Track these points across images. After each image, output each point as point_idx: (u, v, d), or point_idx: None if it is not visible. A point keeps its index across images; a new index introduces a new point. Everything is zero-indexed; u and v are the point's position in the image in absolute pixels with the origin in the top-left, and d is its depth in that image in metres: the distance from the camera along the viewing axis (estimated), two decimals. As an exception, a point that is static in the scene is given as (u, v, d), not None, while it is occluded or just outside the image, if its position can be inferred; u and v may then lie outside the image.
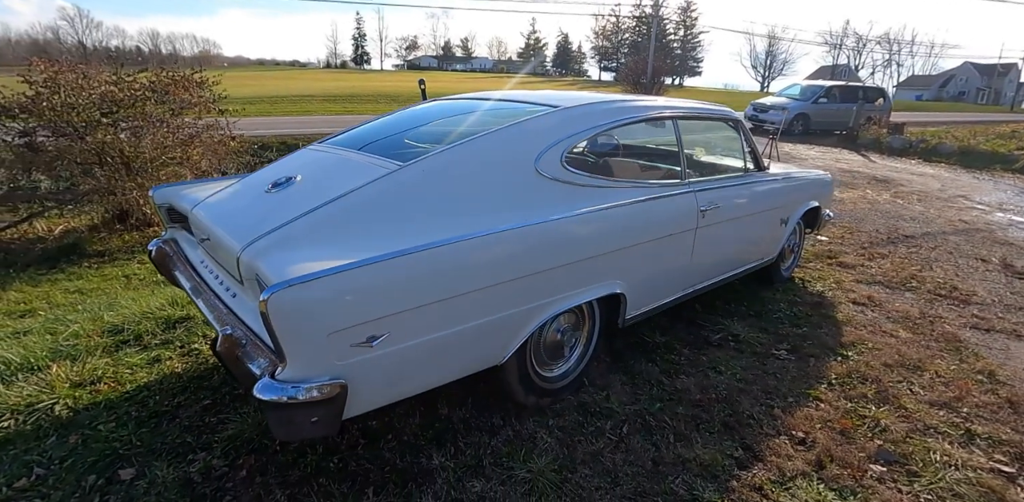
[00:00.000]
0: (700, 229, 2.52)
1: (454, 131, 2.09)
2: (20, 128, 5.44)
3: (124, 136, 6.00)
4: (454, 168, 1.81)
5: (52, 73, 5.73)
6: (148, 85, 6.28)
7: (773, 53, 51.07)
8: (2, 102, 5.48)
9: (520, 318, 1.80)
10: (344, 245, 1.51)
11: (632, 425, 2.08)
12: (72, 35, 63.14)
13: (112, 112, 5.83)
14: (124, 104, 5.97)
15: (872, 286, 3.87)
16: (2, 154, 5.64)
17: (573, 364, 2.25)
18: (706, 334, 2.94)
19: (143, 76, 6.39)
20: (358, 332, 1.40)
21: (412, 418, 2.05)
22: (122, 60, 7.18)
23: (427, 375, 1.63)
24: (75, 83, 5.76)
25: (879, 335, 3.05)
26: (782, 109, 13.15)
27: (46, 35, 60.35)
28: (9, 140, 5.43)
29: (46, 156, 5.65)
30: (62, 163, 5.87)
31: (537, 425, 2.05)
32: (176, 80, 6.41)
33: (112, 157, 6.04)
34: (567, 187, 1.98)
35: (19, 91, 5.60)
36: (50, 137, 5.56)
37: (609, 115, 2.20)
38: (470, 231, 1.64)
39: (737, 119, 2.99)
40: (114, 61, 6.96)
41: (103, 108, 5.71)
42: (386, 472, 1.78)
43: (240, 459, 1.84)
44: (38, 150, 5.51)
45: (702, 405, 2.23)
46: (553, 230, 1.84)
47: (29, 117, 5.59)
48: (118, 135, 5.96)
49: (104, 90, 5.92)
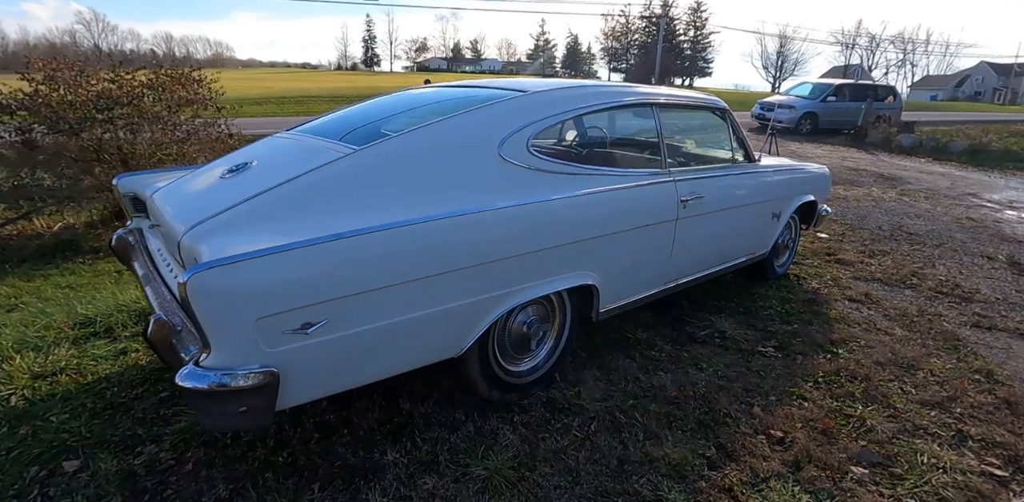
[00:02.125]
0: (682, 220, 2.43)
1: (420, 116, 2.02)
2: (16, 125, 5.46)
3: (122, 133, 6.02)
4: (411, 152, 1.74)
5: (50, 70, 5.77)
6: (146, 82, 6.31)
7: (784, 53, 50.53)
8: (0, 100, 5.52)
9: (477, 308, 1.72)
10: (289, 229, 1.44)
11: (601, 422, 1.99)
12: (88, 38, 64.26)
13: (108, 109, 5.84)
14: (121, 101, 5.99)
15: (870, 283, 3.74)
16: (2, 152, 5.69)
17: (543, 358, 2.16)
18: (691, 330, 2.84)
19: (141, 74, 6.42)
20: (291, 318, 1.33)
21: (371, 412, 1.98)
22: (138, 63, 7.22)
23: (373, 366, 1.56)
24: (72, 80, 5.79)
25: (873, 333, 2.93)
26: (790, 107, 12.96)
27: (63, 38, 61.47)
28: (7, 138, 5.46)
29: (43, 153, 5.68)
30: (61, 160, 5.91)
31: (501, 421, 1.96)
32: (173, 77, 6.42)
33: (110, 154, 6.07)
34: (533, 173, 1.90)
35: (17, 88, 5.64)
36: (47, 134, 5.59)
37: (580, 100, 2.12)
38: (422, 215, 1.57)
39: (724, 109, 2.89)
40: (130, 63, 7.01)
41: (99, 105, 5.73)
42: (336, 467, 1.71)
43: (189, 452, 1.78)
44: (35, 147, 5.53)
45: (677, 402, 2.14)
46: (513, 217, 1.76)
47: (28, 114, 5.64)
48: (117, 132, 5.99)
49: (102, 87, 5.94)
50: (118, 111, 5.92)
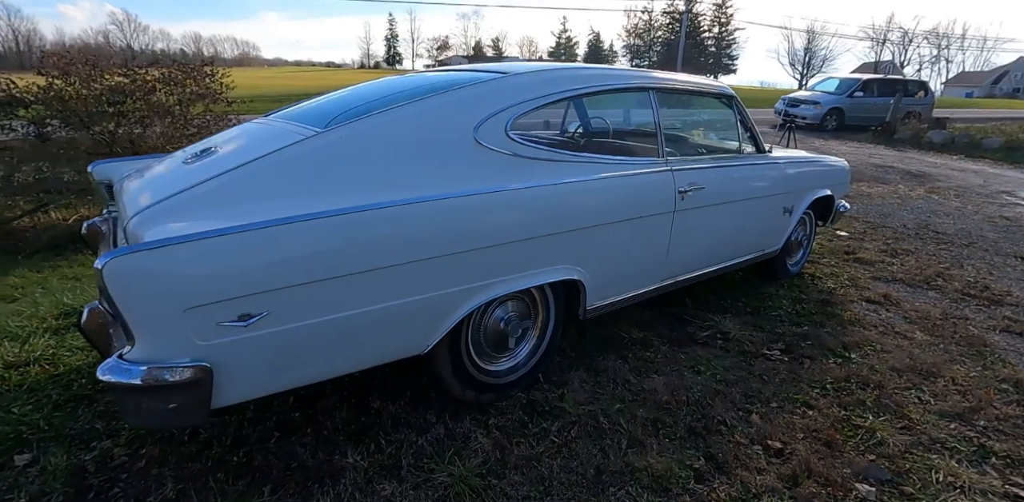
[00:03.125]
0: (680, 213, 2.27)
1: (394, 100, 1.90)
2: (30, 119, 5.53)
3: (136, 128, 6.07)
4: (376, 136, 1.62)
5: (64, 65, 5.84)
6: (159, 77, 6.35)
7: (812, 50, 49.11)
8: (15, 93, 5.60)
9: (444, 302, 1.60)
10: (239, 213, 1.34)
11: (582, 427, 1.85)
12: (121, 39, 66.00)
13: (119, 102, 5.88)
14: (134, 94, 6.04)
15: (891, 284, 3.51)
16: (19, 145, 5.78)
17: (524, 357, 2.03)
18: (692, 331, 2.68)
19: (155, 69, 6.46)
20: (226, 309, 1.22)
21: (338, 410, 1.88)
22: (167, 62, 7.29)
23: (324, 362, 1.45)
24: (85, 74, 5.85)
25: (890, 336, 2.72)
26: (814, 103, 12.53)
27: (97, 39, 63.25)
28: (20, 131, 5.53)
29: (56, 147, 5.74)
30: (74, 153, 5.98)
31: (474, 423, 1.84)
32: (184, 72, 6.45)
33: (123, 147, 6.12)
34: (512, 159, 1.77)
35: (32, 82, 5.72)
36: (59, 128, 5.65)
37: (565, 83, 1.97)
38: (382, 201, 1.45)
39: (731, 96, 2.71)
40: (159, 62, 7.09)
41: (111, 98, 5.77)
42: (291, 469, 1.60)
43: (144, 448, 1.69)
44: (46, 140, 5.60)
45: (668, 408, 1.98)
46: (484, 205, 1.63)
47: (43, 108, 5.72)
48: (131, 127, 6.03)
49: (115, 82, 5.99)
50: (129, 105, 5.96)
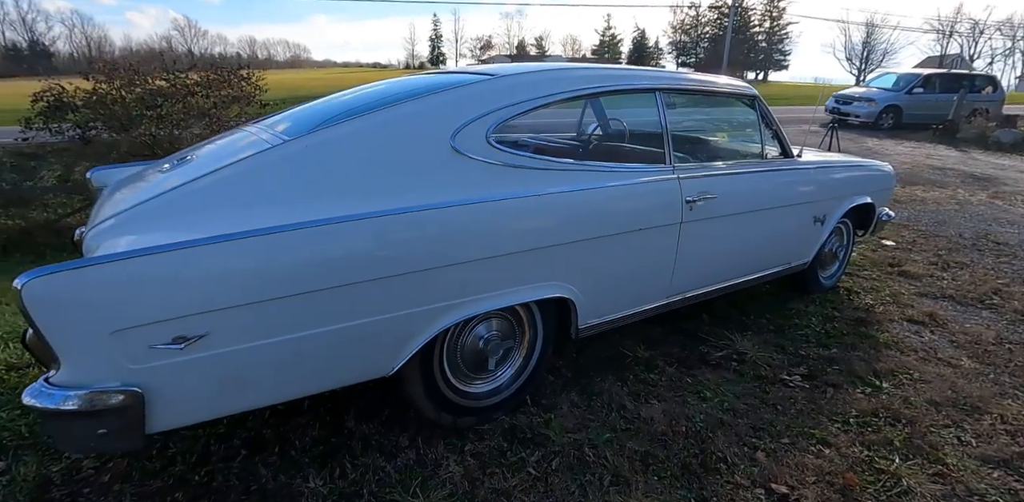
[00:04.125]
0: (688, 224, 2.08)
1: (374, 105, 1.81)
2: (75, 122, 5.81)
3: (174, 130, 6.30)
4: (342, 145, 1.53)
5: (108, 71, 6.12)
6: (197, 81, 6.57)
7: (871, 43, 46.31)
8: (64, 98, 5.90)
9: (408, 323, 1.49)
10: (194, 226, 1.28)
11: (564, 459, 1.70)
12: (182, 43, 69.58)
13: (157, 106, 6.10)
14: (172, 98, 6.26)
15: (938, 301, 3.18)
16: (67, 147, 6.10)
17: (508, 379, 1.90)
18: (705, 350, 2.48)
19: (194, 73, 6.69)
20: (159, 331, 1.16)
21: (311, 429, 1.80)
22: (223, 65, 7.56)
23: (273, 386, 1.36)
24: (127, 79, 6.10)
25: (931, 363, 2.44)
26: (869, 100, 11.79)
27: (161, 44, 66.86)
28: (65, 134, 5.81)
29: (99, 148, 6.01)
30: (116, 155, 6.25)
31: (449, 450, 1.73)
32: (220, 76, 6.64)
33: (163, 149, 6.35)
34: (494, 168, 1.65)
35: (77, 87, 6.02)
36: (101, 130, 5.91)
37: (558, 85, 1.83)
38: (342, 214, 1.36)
39: (753, 96, 2.49)
40: (219, 66, 7.38)
41: (148, 102, 5.99)
42: (249, 492, 1.53)
43: (111, 462, 1.67)
44: (89, 142, 5.87)
45: (664, 439, 1.81)
46: (453, 218, 1.51)
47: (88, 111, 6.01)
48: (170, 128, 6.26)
49: (156, 86, 6.23)
50: (167, 108, 6.18)
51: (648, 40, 78.62)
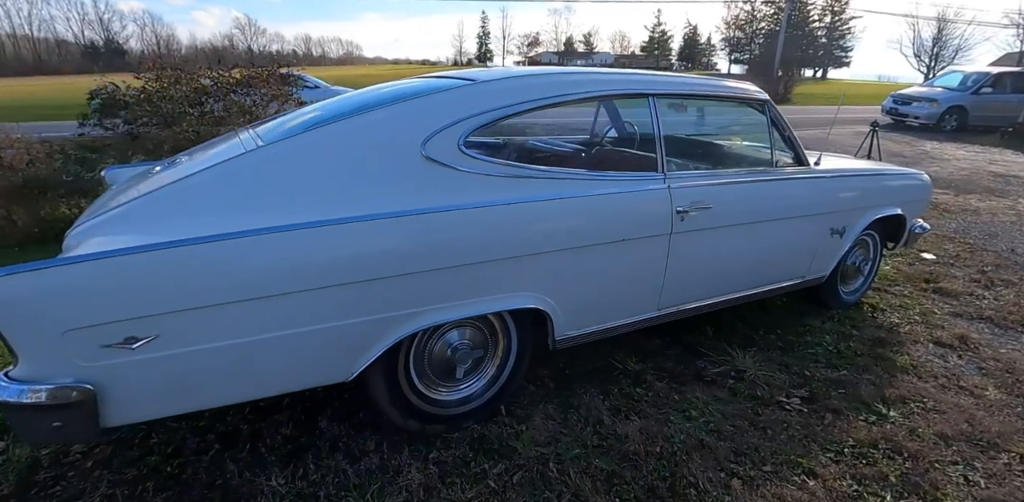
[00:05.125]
0: (679, 235, 2.00)
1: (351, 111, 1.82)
2: (124, 119, 6.17)
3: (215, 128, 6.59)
4: (311, 151, 1.54)
5: (157, 70, 6.47)
6: (239, 80, 6.85)
7: (943, 39, 43.18)
8: (116, 96, 6.28)
9: (365, 330, 1.49)
10: (160, 230, 1.32)
11: (527, 473, 1.67)
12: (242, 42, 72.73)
13: (200, 103, 6.40)
14: (214, 96, 6.55)
15: (973, 323, 2.94)
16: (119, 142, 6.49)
17: (480, 388, 1.88)
18: (702, 366, 2.38)
19: (237, 72, 6.99)
20: (110, 331, 1.20)
21: (284, 427, 1.84)
22: (279, 62, 7.89)
23: (229, 387, 1.40)
24: (173, 78, 6.43)
25: (951, 392, 2.25)
26: (931, 101, 11.03)
27: (224, 42, 70.16)
28: (115, 130, 6.18)
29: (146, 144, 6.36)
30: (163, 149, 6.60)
31: (413, 456, 1.72)
32: (259, 75, 6.90)
33: (207, 144, 6.68)
34: (464, 176, 1.62)
35: (128, 85, 6.40)
36: (146, 126, 6.24)
37: (540, 90, 1.78)
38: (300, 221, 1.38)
39: (763, 100, 2.36)
40: (276, 63, 7.72)
41: (192, 100, 6.29)
42: (213, 487, 1.58)
43: (98, 448, 1.76)
44: (135, 138, 6.21)
45: (634, 459, 1.75)
46: (416, 226, 1.50)
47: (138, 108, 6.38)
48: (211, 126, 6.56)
49: (198, 84, 6.54)
50: (209, 105, 6.47)
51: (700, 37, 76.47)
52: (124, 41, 53.42)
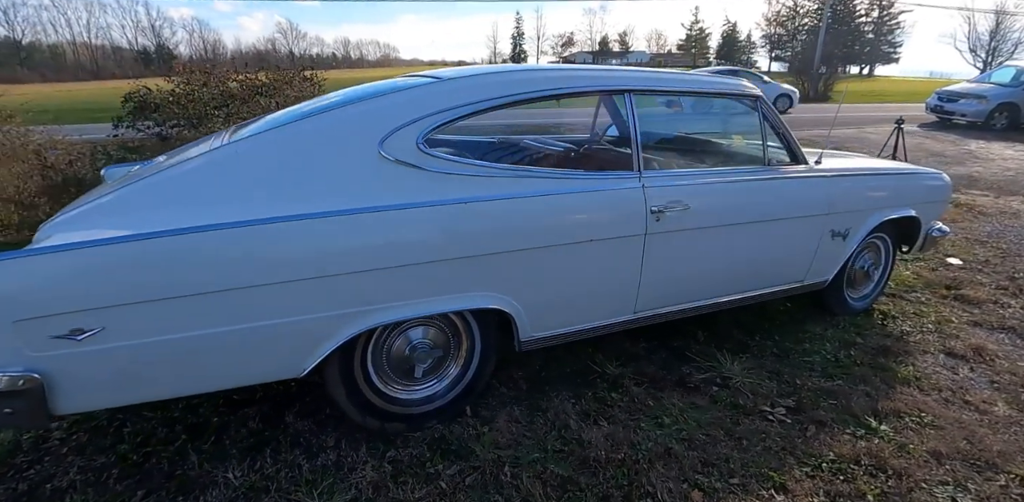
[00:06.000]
0: (655, 236, 1.94)
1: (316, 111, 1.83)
2: (154, 121, 6.44)
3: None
4: (270, 150, 1.57)
5: (187, 74, 6.74)
6: (265, 82, 7.07)
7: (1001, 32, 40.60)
8: (149, 99, 6.57)
9: (315, 327, 1.50)
10: (122, 225, 1.37)
11: (481, 476, 1.64)
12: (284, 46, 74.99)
13: (225, 105, 6.62)
14: (240, 98, 6.78)
15: (994, 333, 2.74)
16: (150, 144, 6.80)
17: (444, 388, 1.87)
18: (688, 371, 2.30)
19: (263, 75, 7.22)
20: (58, 323, 1.25)
21: (251, 421, 1.87)
22: (322, 65, 8.16)
23: (176, 381, 1.42)
24: (202, 81, 6.69)
25: (955, 406, 2.11)
26: (979, 98, 10.41)
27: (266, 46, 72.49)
28: (145, 131, 6.46)
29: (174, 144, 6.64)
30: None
31: (370, 454, 1.73)
32: (282, 78, 7.10)
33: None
34: (422, 174, 1.61)
35: (159, 87, 6.68)
36: (176, 127, 6.50)
37: (505, 88, 1.75)
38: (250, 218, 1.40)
39: (755, 96, 2.26)
40: (301, 66, 8.00)
41: (217, 102, 6.51)
42: (173, 477, 1.62)
43: (76, 435, 1.83)
44: (166, 139, 6.48)
45: (593, 467, 1.70)
46: (367, 224, 1.50)
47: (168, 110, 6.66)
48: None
49: (224, 87, 6.78)
50: (235, 107, 6.69)
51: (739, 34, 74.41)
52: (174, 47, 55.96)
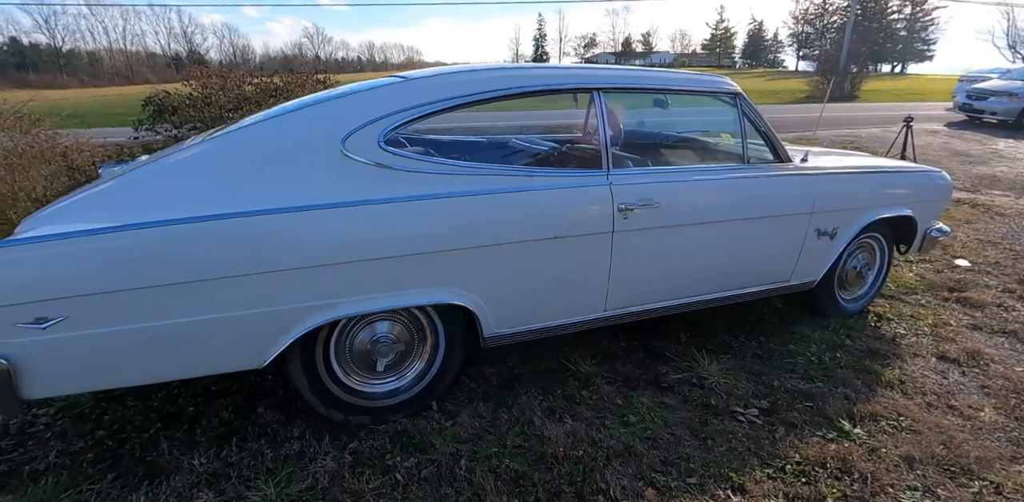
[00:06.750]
0: (623, 233, 1.94)
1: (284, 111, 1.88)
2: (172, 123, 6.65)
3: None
4: (236, 149, 1.62)
5: (204, 78, 6.96)
6: (279, 85, 7.25)
7: (1045, 27, 38.87)
8: (167, 102, 6.79)
9: (274, 320, 1.55)
10: (94, 220, 1.43)
11: (437, 469, 1.66)
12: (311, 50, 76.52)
13: (239, 108, 6.81)
14: (252, 101, 6.96)
15: (993, 337, 2.65)
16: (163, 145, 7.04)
17: (409, 382, 1.90)
18: (664, 371, 2.28)
19: (277, 78, 7.40)
20: (22, 311, 1.32)
21: (224, 411, 1.93)
22: (346, 68, 8.37)
23: (140, 368, 1.48)
24: (218, 85, 6.89)
25: (937, 411, 2.04)
26: (1010, 95, 10.01)
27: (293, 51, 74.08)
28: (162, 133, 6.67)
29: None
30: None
31: (333, 445, 1.76)
32: (295, 81, 7.26)
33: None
34: (383, 171, 1.65)
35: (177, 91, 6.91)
36: (192, 130, 6.70)
37: (468, 87, 1.77)
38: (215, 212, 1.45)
39: (734, 93, 2.23)
40: (315, 70, 8.21)
41: (232, 104, 6.70)
42: (143, 462, 1.69)
43: (62, 420, 1.91)
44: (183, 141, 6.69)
45: (550, 462, 1.70)
46: (324, 220, 1.54)
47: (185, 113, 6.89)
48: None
49: (239, 91, 6.98)
50: (247, 110, 6.87)
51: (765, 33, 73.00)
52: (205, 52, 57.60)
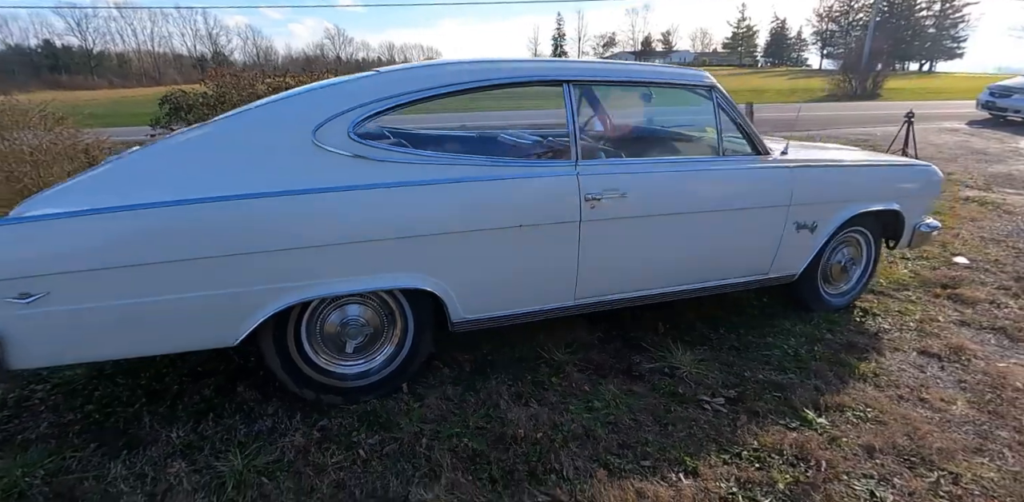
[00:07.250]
0: (590, 223, 1.98)
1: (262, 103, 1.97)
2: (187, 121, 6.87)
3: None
4: (216, 139, 1.71)
5: (219, 78, 7.18)
6: (291, 84, 7.44)
7: (1085, 21, 37.34)
8: (183, 101, 7.02)
9: (243, 299, 1.63)
10: (86, 202, 1.53)
11: (399, 447, 1.73)
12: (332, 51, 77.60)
13: (252, 106, 7.00)
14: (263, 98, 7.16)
15: (980, 333, 2.62)
16: None
17: (379, 364, 1.97)
18: (637, 360, 2.32)
19: (289, 78, 7.59)
20: (7, 287, 1.42)
21: (206, 389, 2.02)
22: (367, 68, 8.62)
23: (118, 343, 1.58)
24: (233, 84, 7.10)
25: (907, 403, 2.04)
26: (1036, 91, 9.72)
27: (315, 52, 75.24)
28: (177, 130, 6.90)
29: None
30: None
31: (304, 423, 1.84)
32: (310, 80, 7.44)
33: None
34: (352, 161, 1.72)
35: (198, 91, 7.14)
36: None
37: (437, 79, 1.83)
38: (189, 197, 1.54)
39: (710, 86, 2.25)
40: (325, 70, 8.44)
41: (243, 103, 6.89)
42: (125, 434, 1.79)
43: (56, 395, 2.03)
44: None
45: (508, 443, 1.75)
46: (293, 206, 1.62)
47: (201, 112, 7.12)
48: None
49: (252, 90, 7.17)
50: (260, 107, 7.06)
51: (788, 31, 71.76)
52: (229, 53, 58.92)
